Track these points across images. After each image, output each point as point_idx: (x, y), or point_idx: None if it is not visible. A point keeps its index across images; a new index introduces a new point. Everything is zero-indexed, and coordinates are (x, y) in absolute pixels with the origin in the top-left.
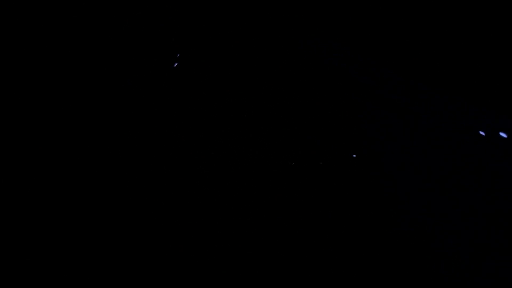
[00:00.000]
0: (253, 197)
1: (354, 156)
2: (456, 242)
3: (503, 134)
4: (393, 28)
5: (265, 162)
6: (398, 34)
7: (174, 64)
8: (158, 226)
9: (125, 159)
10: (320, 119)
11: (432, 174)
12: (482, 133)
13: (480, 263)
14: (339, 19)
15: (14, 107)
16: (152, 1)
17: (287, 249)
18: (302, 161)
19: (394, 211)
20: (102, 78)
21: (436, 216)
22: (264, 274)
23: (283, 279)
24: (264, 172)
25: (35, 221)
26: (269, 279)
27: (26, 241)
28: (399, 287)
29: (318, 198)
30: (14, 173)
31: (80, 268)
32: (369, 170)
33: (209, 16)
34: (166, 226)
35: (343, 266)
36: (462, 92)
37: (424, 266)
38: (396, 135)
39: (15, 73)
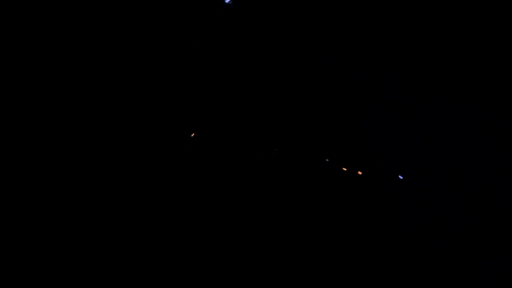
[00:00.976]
0: (253, 197)
1: (401, 178)
2: (456, 242)
3: None
4: (393, 28)
5: (265, 162)
6: (398, 34)
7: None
8: (158, 226)
9: (125, 159)
10: (320, 119)
11: (432, 174)
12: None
13: (480, 263)
14: (339, 19)
15: (14, 107)
16: (152, 1)
17: (287, 249)
18: (302, 161)
19: (394, 211)
20: (102, 78)
21: (436, 216)
22: (264, 274)
23: (283, 279)
24: (264, 172)
25: (35, 221)
26: (269, 279)
27: (26, 241)
28: (399, 287)
29: (318, 198)
30: (14, 172)
31: (80, 268)
32: (369, 170)
33: (209, 17)
34: (166, 225)
35: (343, 266)
36: (462, 92)
37: (424, 266)
38: (396, 135)
39: (15, 73)
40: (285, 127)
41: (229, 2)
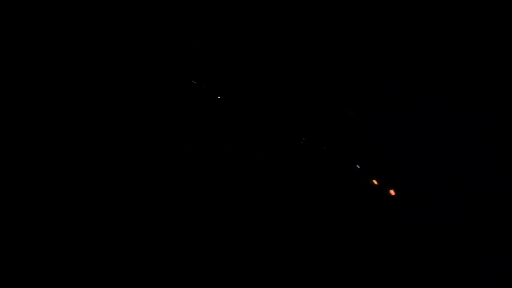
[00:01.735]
0: (253, 197)
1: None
2: (456, 242)
3: None
4: (392, 28)
5: (265, 162)
6: (397, 34)
7: None
8: (158, 226)
9: (125, 159)
10: (320, 119)
11: (432, 174)
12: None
13: (480, 263)
14: (339, 19)
15: (14, 107)
16: (152, 1)
17: (287, 249)
18: (301, 161)
19: (394, 211)
20: (102, 78)
21: (436, 216)
22: (264, 274)
23: (283, 279)
24: (264, 172)
25: (35, 221)
26: (269, 279)
27: (26, 241)
28: (399, 287)
29: (318, 198)
30: (14, 173)
31: (80, 267)
32: (369, 170)
33: (209, 17)
34: (166, 225)
35: (343, 266)
36: (462, 92)
37: (424, 266)
38: (396, 135)
39: (15, 73)
40: (285, 127)
41: None
